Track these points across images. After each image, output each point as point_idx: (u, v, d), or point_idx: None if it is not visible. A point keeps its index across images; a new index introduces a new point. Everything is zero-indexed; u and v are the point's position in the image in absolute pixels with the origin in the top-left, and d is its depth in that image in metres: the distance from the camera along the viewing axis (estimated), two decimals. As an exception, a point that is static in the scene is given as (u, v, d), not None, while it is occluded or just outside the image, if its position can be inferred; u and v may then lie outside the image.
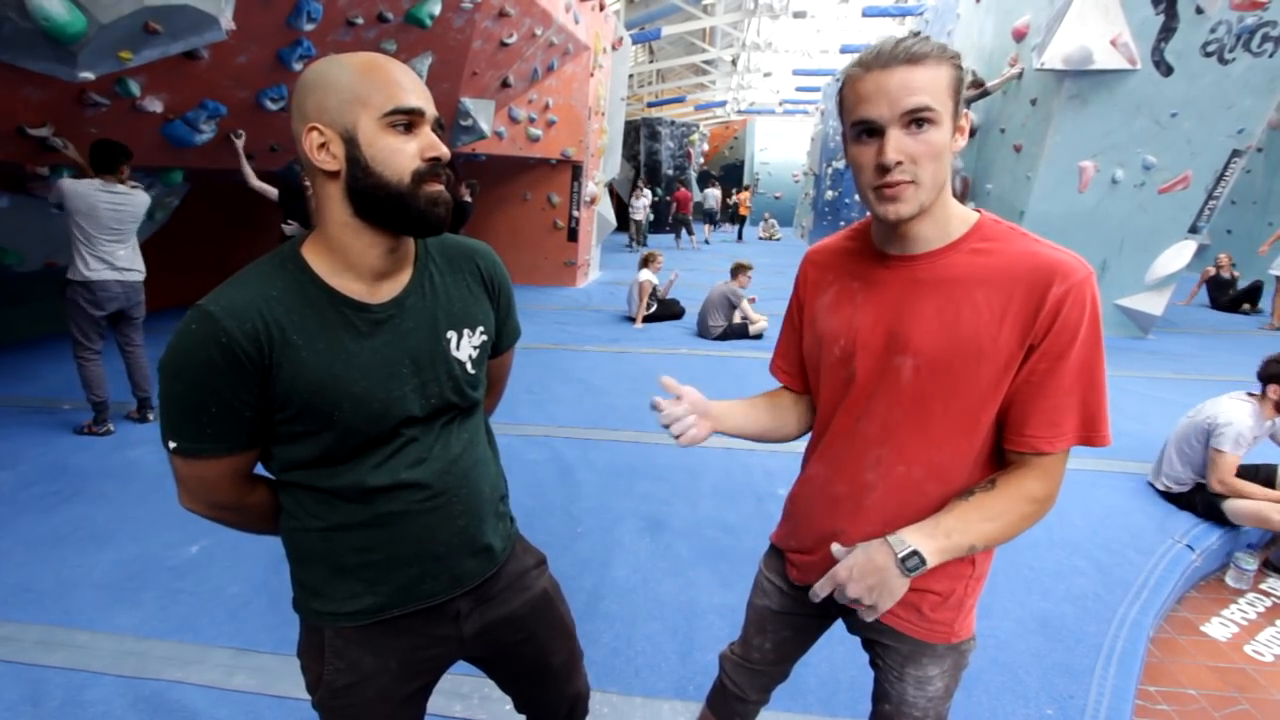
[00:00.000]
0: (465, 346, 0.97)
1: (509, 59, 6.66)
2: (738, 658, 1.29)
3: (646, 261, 7.08)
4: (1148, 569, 2.58)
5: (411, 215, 0.83)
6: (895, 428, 0.96)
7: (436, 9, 4.78)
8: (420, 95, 0.83)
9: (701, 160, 22.83)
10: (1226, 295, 9.10)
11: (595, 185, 9.71)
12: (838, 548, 0.95)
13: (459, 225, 6.90)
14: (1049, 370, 0.87)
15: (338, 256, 0.86)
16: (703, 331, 6.57)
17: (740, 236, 18.91)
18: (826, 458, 1.07)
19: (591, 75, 8.74)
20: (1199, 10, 5.58)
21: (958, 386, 0.91)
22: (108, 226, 3.43)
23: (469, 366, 0.97)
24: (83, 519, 2.76)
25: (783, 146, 24.89)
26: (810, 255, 1.12)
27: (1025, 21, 6.59)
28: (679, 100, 23.58)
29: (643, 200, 15.06)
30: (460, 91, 6.31)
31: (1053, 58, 5.86)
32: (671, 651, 2.09)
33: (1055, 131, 6.21)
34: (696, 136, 20.59)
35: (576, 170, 9.20)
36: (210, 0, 3.03)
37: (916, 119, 0.83)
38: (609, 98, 9.96)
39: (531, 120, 8.22)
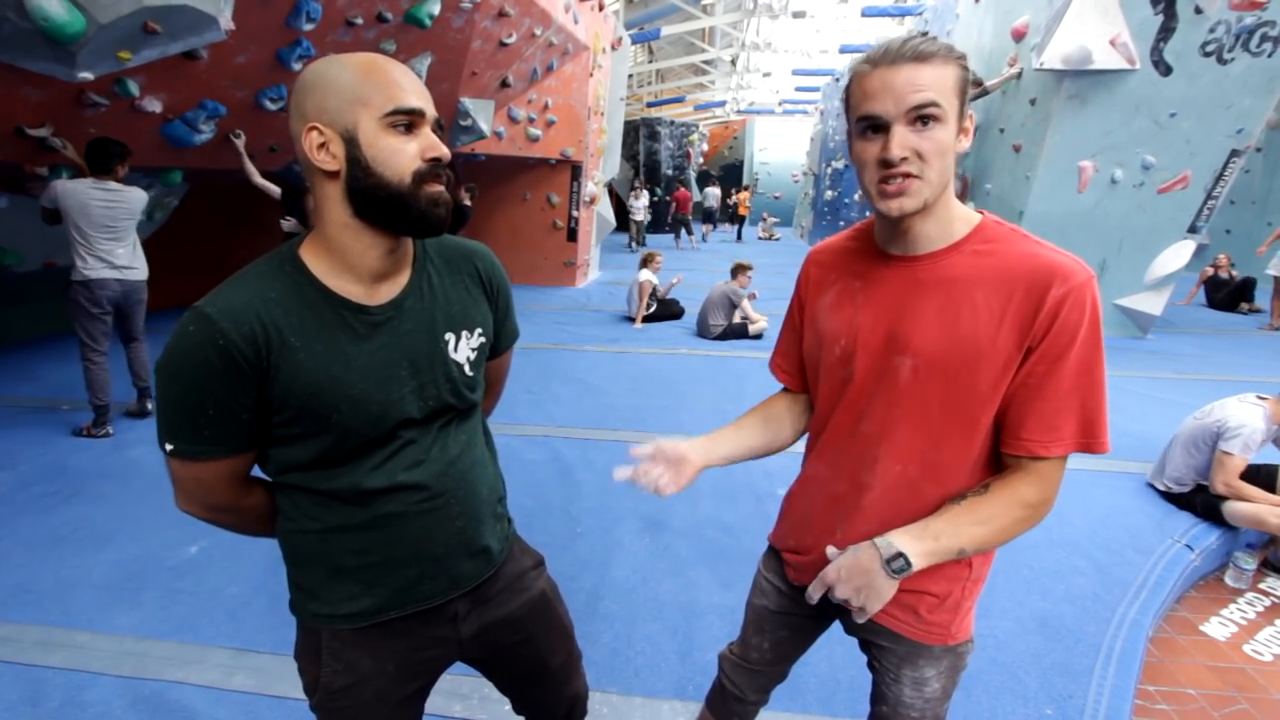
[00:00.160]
0: (463, 348, 0.97)
1: (508, 59, 6.66)
2: (736, 658, 1.29)
3: (646, 261, 7.09)
4: (1147, 569, 2.58)
5: (412, 216, 0.83)
6: (893, 428, 0.96)
7: (436, 9, 4.78)
8: (420, 96, 0.83)
9: (701, 160, 22.81)
10: (1222, 294, 9.14)
11: (594, 185, 9.71)
12: (832, 549, 0.96)
13: (457, 229, 6.89)
14: (1047, 373, 0.87)
15: (337, 257, 0.86)
16: (702, 331, 6.57)
17: (739, 236, 18.92)
18: (825, 457, 1.07)
19: (591, 75, 8.74)
20: (1198, 10, 5.58)
21: (956, 387, 0.91)
22: (101, 225, 3.43)
23: (467, 368, 0.97)
24: (82, 519, 2.76)
25: (782, 146, 24.92)
26: (813, 255, 1.12)
27: (1024, 21, 6.59)
28: (678, 100, 23.58)
29: (641, 200, 15.06)
30: (460, 92, 6.31)
31: (1052, 58, 5.87)
32: (671, 651, 2.09)
33: (1054, 131, 6.22)
34: (696, 136, 20.59)
35: (576, 170, 9.20)
36: (209, 0, 3.02)
37: (922, 116, 0.83)
38: (608, 98, 9.96)
39: (531, 120, 8.22)
